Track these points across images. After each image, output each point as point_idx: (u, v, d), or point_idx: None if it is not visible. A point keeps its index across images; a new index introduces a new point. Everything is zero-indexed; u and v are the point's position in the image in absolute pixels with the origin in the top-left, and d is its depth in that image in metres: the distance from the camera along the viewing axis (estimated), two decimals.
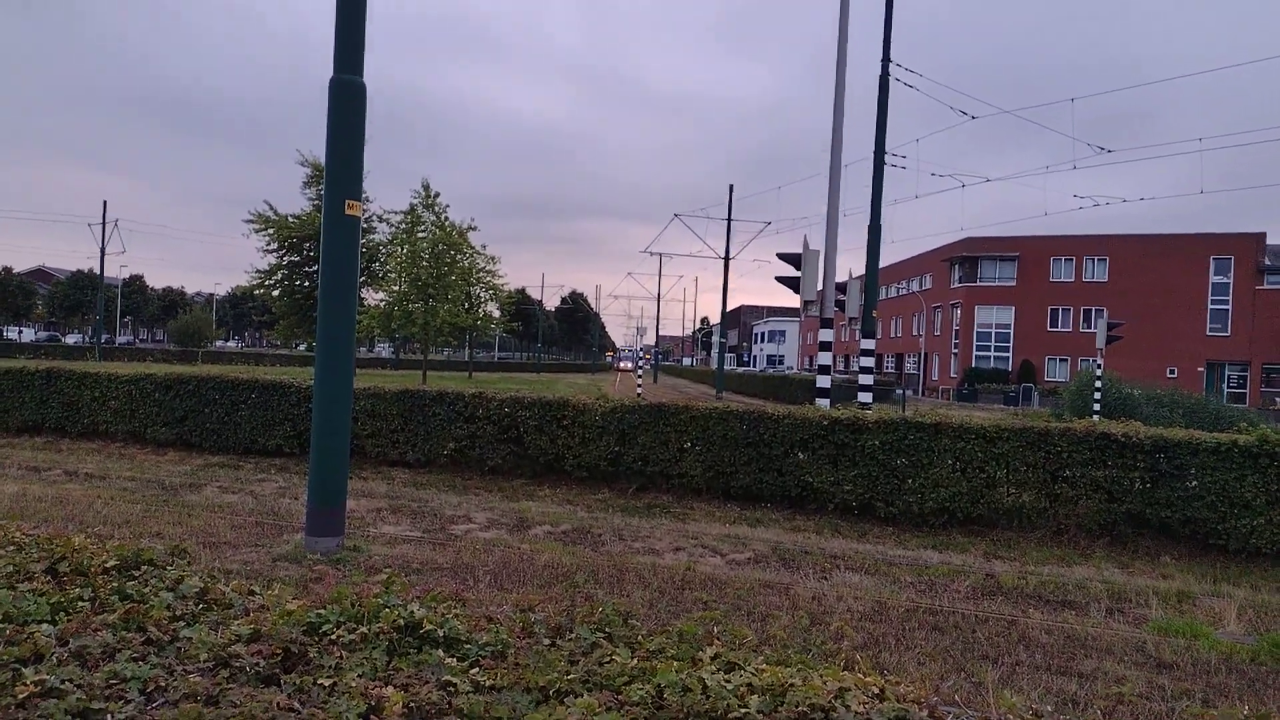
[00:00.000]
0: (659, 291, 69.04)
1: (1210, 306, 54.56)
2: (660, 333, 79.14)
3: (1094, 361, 26.61)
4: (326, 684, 2.27)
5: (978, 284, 60.99)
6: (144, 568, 3.28)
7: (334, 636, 2.61)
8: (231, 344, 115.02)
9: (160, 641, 2.56)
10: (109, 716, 2.06)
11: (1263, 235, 54.68)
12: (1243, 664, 5.49)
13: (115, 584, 3.04)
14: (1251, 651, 5.69)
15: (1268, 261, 54.51)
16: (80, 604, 2.81)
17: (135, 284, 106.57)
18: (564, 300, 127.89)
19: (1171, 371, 52.15)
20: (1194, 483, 9.09)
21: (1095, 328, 28.28)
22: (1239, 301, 53.73)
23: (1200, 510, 9.00)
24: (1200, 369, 53.39)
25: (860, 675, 2.32)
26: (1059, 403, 29.05)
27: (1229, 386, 52.97)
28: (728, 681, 2.24)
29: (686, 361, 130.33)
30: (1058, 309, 58.46)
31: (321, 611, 2.77)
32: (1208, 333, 54.38)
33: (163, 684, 2.26)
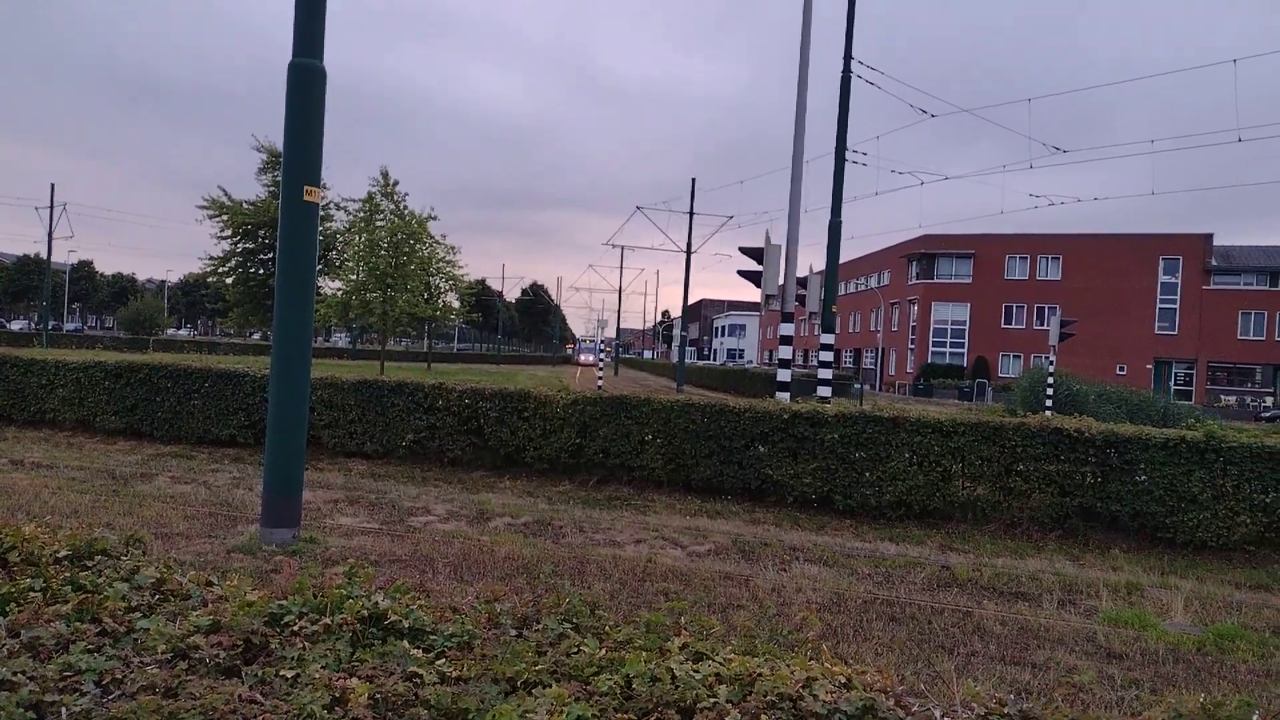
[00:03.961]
0: (620, 284, 69.16)
1: (1159, 305, 55.94)
2: (621, 325, 79.12)
3: (1046, 358, 27.11)
4: (289, 675, 2.23)
5: (934, 280, 61.87)
6: (97, 558, 3.20)
7: (296, 627, 2.57)
8: (184, 332, 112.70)
9: (116, 633, 2.50)
10: (63, 709, 2.01)
11: (1210, 236, 56.20)
12: (1189, 654, 5.63)
13: (68, 574, 2.96)
14: (1197, 642, 5.85)
15: (1215, 262, 55.97)
16: (32, 595, 2.74)
17: (84, 270, 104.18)
18: (525, 292, 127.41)
19: (1121, 369, 53.37)
20: (1143, 477, 9.30)
21: (1049, 325, 28.82)
22: (1187, 301, 55.13)
23: (1149, 504, 9.21)
24: (1149, 366, 54.69)
25: (827, 665, 2.33)
26: (1012, 398, 29.56)
27: (1176, 384, 54.37)
28: (696, 671, 2.25)
29: (647, 354, 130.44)
30: (1012, 306, 59.51)
31: (283, 602, 2.73)
32: (1156, 331, 55.76)
33: (119, 676, 2.21)
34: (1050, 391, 24.99)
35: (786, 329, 14.18)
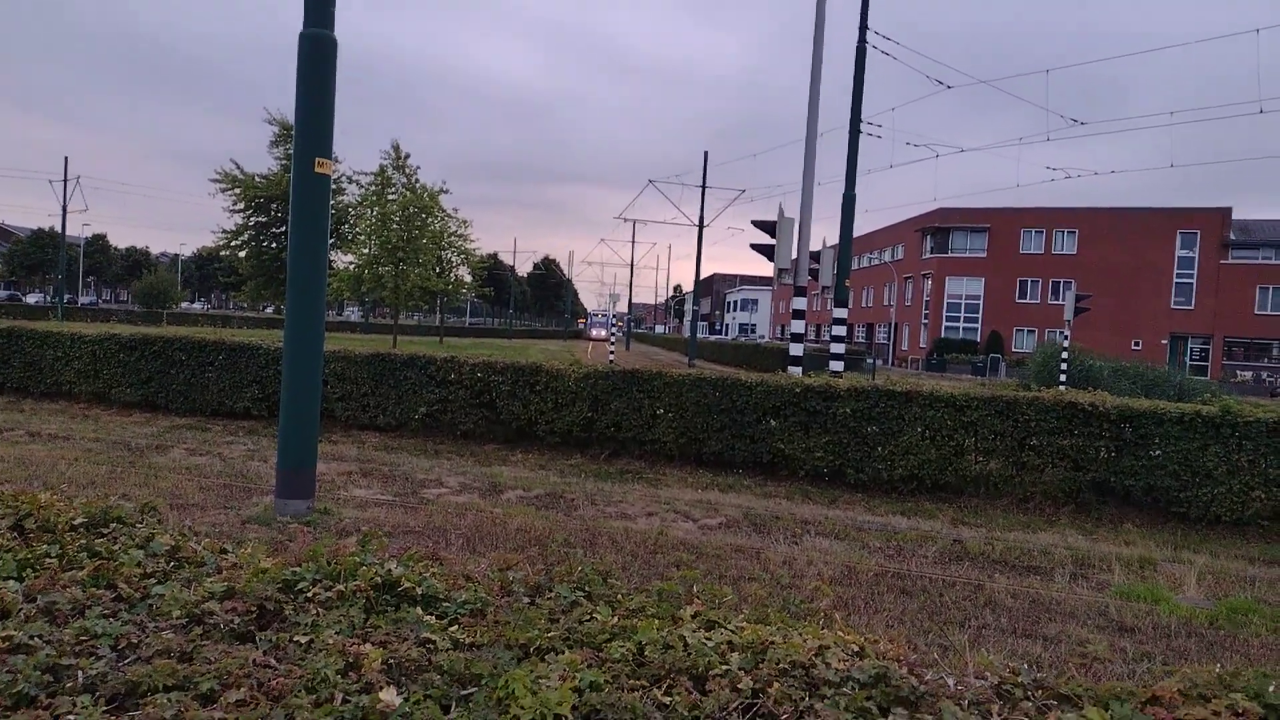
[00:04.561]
0: (632, 258, 68.92)
1: (1175, 280, 55.36)
2: (633, 300, 79.01)
3: (1061, 334, 26.95)
4: (303, 641, 2.25)
5: (949, 255, 61.41)
6: (113, 525, 3.23)
7: (310, 594, 2.59)
8: (197, 305, 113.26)
9: (131, 599, 2.52)
10: (79, 673, 2.03)
11: (1228, 210, 55.46)
12: (1201, 628, 5.62)
13: (83, 541, 2.98)
14: (1210, 616, 5.83)
15: (1233, 236, 55.35)
16: (48, 561, 2.76)
17: (98, 243, 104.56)
18: (536, 266, 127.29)
19: (1136, 344, 53.02)
20: (1158, 452, 9.25)
21: (1063, 300, 28.62)
22: (1204, 275, 54.55)
23: (1163, 479, 9.17)
24: (1164, 341, 54.28)
25: (840, 634, 2.33)
26: (1026, 374, 29.43)
27: (1192, 359, 53.90)
28: (708, 639, 2.25)
29: (659, 329, 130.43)
30: (1026, 281, 59.05)
31: (297, 570, 2.74)
32: (1172, 306, 55.24)
33: (135, 640, 2.23)
34: (1064, 367, 24.87)
35: (799, 303, 14.12)
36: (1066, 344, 25.62)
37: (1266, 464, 8.85)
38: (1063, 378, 24.21)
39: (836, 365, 16.55)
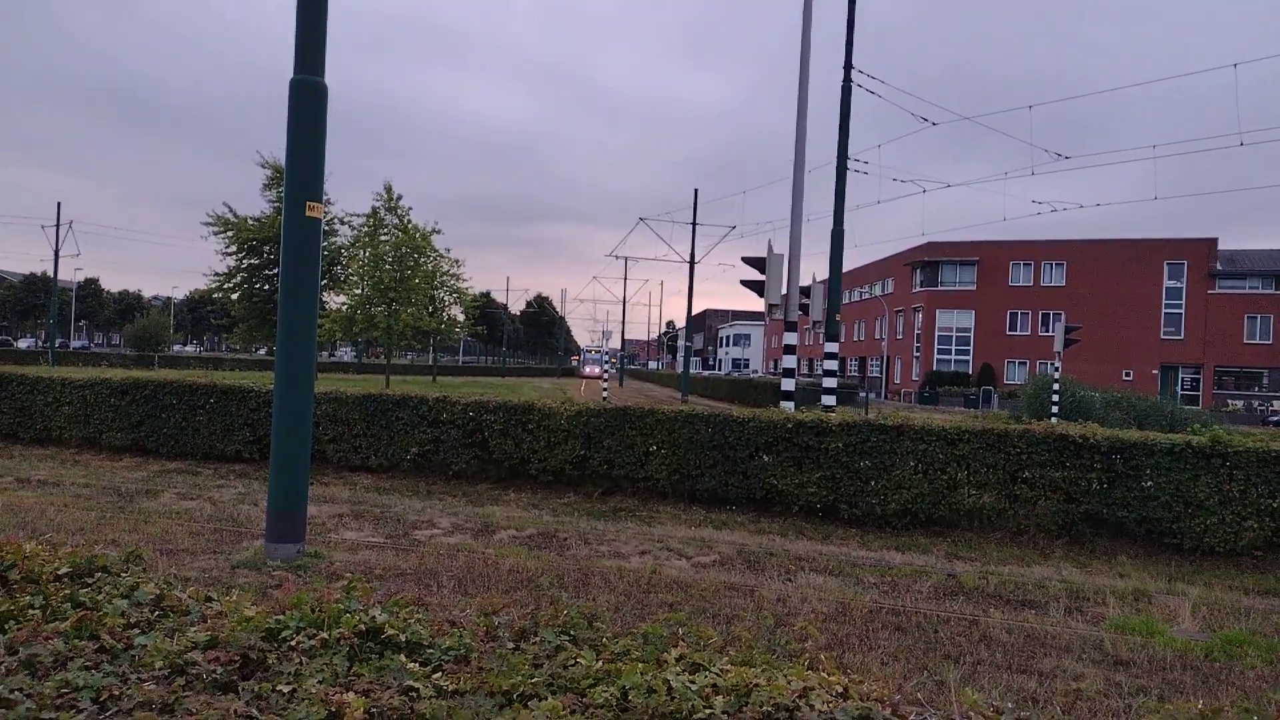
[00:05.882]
0: (625, 295, 69.13)
1: (1164, 310, 55.73)
2: (626, 336, 79.14)
3: (1052, 365, 27.05)
4: (286, 690, 2.24)
5: (938, 288, 61.78)
6: (98, 574, 3.21)
7: (294, 642, 2.57)
8: (190, 348, 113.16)
9: (114, 649, 2.50)
10: None
11: (1214, 240, 56.02)
12: (1197, 660, 5.59)
13: (67, 591, 2.97)
14: (1205, 648, 5.81)
15: (1219, 266, 55.81)
16: (31, 612, 2.74)
17: (90, 287, 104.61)
18: (529, 304, 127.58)
19: (1127, 374, 53.20)
20: (1149, 483, 9.26)
21: (1053, 331, 28.76)
22: (1192, 305, 54.93)
23: (1155, 510, 9.17)
24: (1155, 372, 54.50)
25: (824, 675, 2.33)
26: (1017, 405, 29.48)
27: (1183, 389, 54.09)
28: (692, 682, 2.24)
29: (652, 365, 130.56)
30: (1016, 313, 59.37)
31: (281, 617, 2.73)
32: (1162, 336, 55.54)
33: (116, 693, 2.21)
34: (1056, 398, 24.92)
35: (790, 338, 14.18)
36: (1058, 375, 25.71)
37: (1258, 493, 8.86)
38: (1054, 409, 24.25)
39: (829, 399, 16.58)
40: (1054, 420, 14.06)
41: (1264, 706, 2.17)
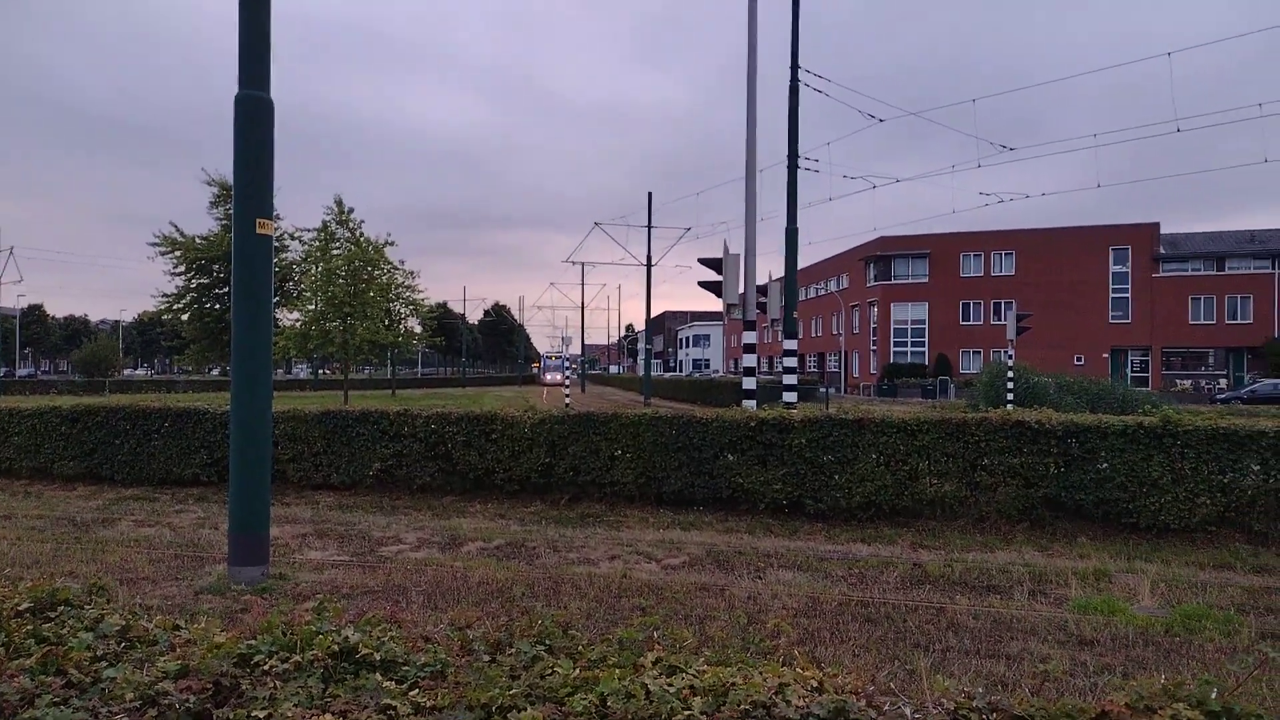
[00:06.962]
0: (583, 300, 69.14)
1: (1111, 295, 56.94)
2: (586, 341, 79.04)
3: (1006, 353, 27.53)
4: (261, 715, 2.21)
5: (892, 282, 62.57)
6: (60, 608, 3.14)
7: (266, 667, 2.55)
8: (140, 371, 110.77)
9: (82, 684, 2.46)
10: None
11: (1157, 225, 57.45)
12: (1158, 636, 5.74)
13: (30, 627, 2.90)
14: (1165, 624, 5.96)
15: (1163, 250, 57.20)
16: None
17: (34, 314, 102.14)
18: (487, 313, 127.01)
19: (1079, 359, 54.29)
20: (1105, 465, 9.47)
21: (1005, 320, 29.27)
22: (1137, 289, 56.21)
23: (1112, 491, 9.38)
24: (1105, 355, 55.66)
25: (799, 670, 2.36)
26: (974, 394, 29.95)
27: (1133, 371, 55.32)
28: (670, 685, 2.26)
29: (614, 369, 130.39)
30: (969, 303, 60.29)
31: (252, 642, 2.70)
32: (1110, 320, 56.74)
33: None
34: (1011, 385, 25.35)
35: (749, 337, 14.28)
36: (1011, 363, 26.16)
37: (1209, 470, 9.10)
38: (1010, 396, 24.67)
39: (790, 396, 16.72)
40: (1010, 407, 14.32)
41: (1224, 678, 2.24)
